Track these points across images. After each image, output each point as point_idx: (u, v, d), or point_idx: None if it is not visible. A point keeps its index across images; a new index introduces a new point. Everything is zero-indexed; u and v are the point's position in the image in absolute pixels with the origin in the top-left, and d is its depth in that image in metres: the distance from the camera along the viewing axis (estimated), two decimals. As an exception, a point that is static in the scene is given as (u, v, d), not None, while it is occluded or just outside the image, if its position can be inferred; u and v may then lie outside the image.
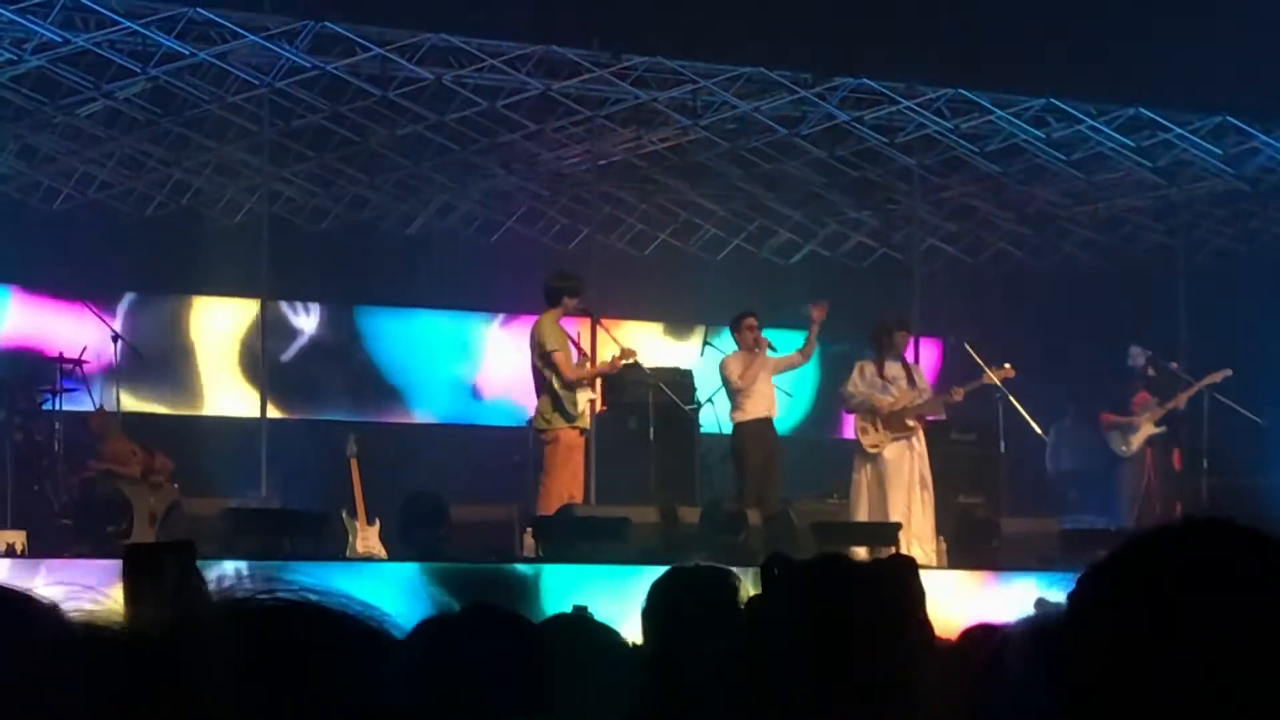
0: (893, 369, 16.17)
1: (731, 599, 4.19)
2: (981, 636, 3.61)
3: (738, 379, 15.97)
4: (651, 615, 4.21)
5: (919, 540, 15.52)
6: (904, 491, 15.76)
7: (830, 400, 17.06)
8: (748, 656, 2.24)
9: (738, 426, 16.04)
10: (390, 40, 16.37)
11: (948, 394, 16.56)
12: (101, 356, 16.69)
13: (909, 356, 16.91)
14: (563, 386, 14.97)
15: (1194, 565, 1.63)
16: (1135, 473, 16.90)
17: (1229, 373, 17.09)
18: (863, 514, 15.83)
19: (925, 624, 2.35)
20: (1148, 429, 16.92)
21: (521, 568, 13.19)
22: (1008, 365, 16.46)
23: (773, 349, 16.14)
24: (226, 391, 20.25)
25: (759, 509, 15.20)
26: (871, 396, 15.97)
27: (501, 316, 21.60)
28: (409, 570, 12.81)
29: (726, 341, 16.72)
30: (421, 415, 21.45)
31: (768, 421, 16.03)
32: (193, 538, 13.23)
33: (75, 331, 17.28)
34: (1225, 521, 1.70)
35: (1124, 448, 16.87)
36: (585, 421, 15.28)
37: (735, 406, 16.06)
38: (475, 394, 21.68)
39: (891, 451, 15.89)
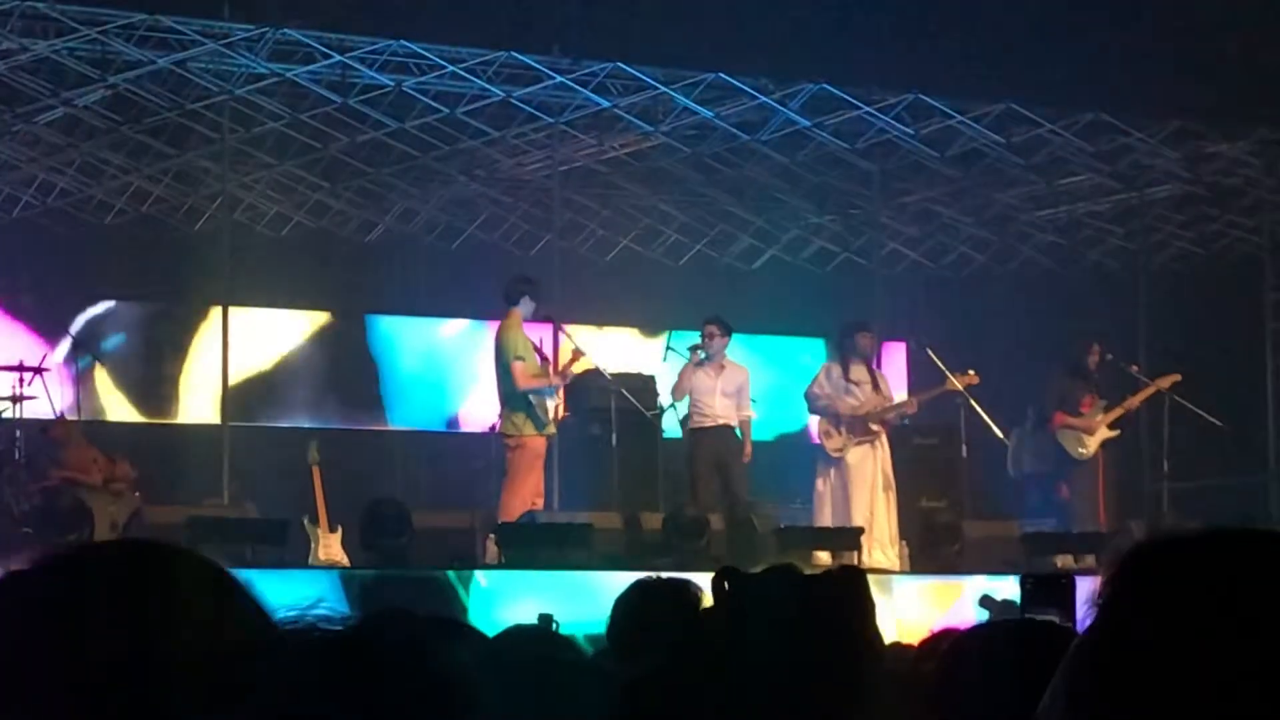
0: (858, 372, 16.22)
1: (695, 610, 4.20)
2: (944, 642, 3.63)
3: (671, 390, 16.16)
4: (616, 629, 4.23)
5: (881, 544, 15.56)
6: (867, 495, 15.80)
7: (794, 405, 17.08)
8: (698, 671, 2.25)
9: (687, 433, 16.15)
10: (350, 47, 16.36)
11: (905, 402, 16.62)
12: (62, 364, 16.64)
13: (872, 360, 16.96)
14: (513, 393, 14.95)
15: (1239, 573, 1.61)
16: (1091, 475, 16.94)
17: (1177, 378, 17.18)
18: (826, 518, 15.86)
19: (875, 634, 2.36)
20: (1102, 432, 16.95)
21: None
22: (971, 372, 16.49)
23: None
24: (188, 399, 20.19)
25: (720, 514, 15.22)
26: (835, 400, 16.01)
27: (463, 323, 21.58)
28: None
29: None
30: (383, 422, 21.42)
31: (715, 430, 16.00)
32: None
33: (36, 339, 17.22)
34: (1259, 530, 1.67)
35: (1081, 450, 16.91)
36: (553, 429, 15.28)
37: (688, 413, 16.15)
38: (437, 400, 21.66)
39: (855, 455, 15.93)
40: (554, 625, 9.63)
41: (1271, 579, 1.60)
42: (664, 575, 4.94)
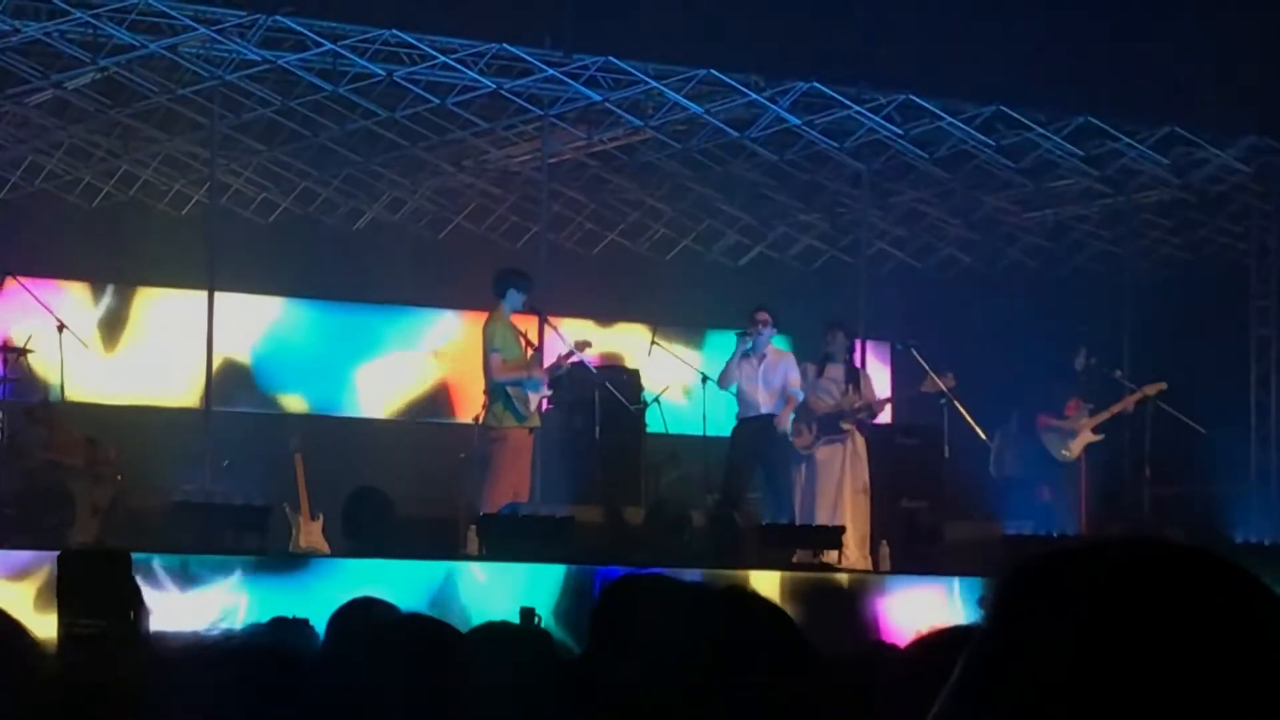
0: (834, 371, 16.22)
1: (681, 606, 4.21)
2: (934, 641, 3.63)
3: (717, 378, 16.14)
4: (600, 621, 4.23)
5: (849, 544, 15.52)
6: (832, 493, 15.79)
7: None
8: (655, 683, 2.26)
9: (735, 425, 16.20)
10: (342, 36, 16.35)
11: (877, 402, 16.62)
12: (46, 346, 16.60)
13: (856, 360, 16.97)
14: (494, 384, 14.99)
15: (1126, 585, 1.65)
16: (1073, 478, 16.96)
17: (1164, 386, 17.18)
18: (794, 514, 15.88)
19: (806, 650, 2.37)
20: (1086, 435, 16.96)
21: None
22: (950, 375, 16.50)
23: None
24: (171, 383, 20.17)
25: (703, 511, 15.25)
26: (809, 398, 16.04)
27: (449, 313, 21.59)
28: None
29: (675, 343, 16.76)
30: (367, 410, 21.41)
31: (749, 421, 16.02)
32: (135, 530, 13.22)
33: (19, 320, 17.19)
34: (1160, 540, 1.72)
35: (1065, 453, 16.92)
36: (536, 421, 15.29)
37: (736, 404, 16.21)
38: (421, 390, 21.65)
39: (824, 453, 15.93)
40: (535, 620, 9.62)
41: (1129, 590, 1.65)
42: (649, 571, 4.93)
